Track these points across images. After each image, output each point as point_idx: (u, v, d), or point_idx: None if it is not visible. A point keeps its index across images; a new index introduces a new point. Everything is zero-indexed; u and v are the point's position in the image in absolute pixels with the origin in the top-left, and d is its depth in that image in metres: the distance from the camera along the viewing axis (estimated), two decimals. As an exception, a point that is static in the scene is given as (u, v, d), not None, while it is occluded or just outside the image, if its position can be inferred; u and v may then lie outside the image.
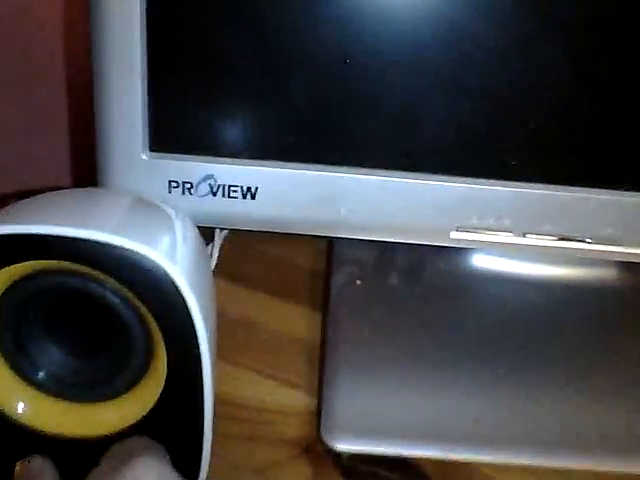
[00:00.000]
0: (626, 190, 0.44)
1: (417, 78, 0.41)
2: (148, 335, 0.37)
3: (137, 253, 0.35)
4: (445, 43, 0.40)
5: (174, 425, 0.39)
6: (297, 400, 0.48)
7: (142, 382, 0.39)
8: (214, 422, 0.39)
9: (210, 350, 0.37)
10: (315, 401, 0.47)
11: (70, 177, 0.67)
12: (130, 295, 0.36)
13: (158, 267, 0.35)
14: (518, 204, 0.44)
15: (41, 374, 0.40)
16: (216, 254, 0.58)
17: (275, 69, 0.41)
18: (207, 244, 0.58)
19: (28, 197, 0.39)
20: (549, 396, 0.47)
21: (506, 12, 0.40)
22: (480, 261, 0.56)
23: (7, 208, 0.38)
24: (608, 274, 0.56)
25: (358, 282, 0.54)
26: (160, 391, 0.38)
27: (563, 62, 0.41)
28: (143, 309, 0.36)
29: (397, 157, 0.44)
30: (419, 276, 0.55)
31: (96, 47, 0.40)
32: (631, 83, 0.42)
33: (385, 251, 0.56)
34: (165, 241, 0.38)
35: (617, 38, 0.41)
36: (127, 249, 0.35)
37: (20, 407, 0.40)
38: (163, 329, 0.36)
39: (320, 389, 0.47)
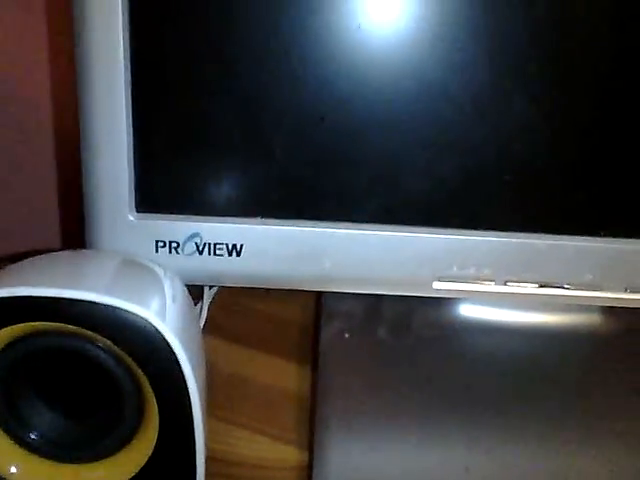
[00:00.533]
0: (602, 236, 0.45)
1: (393, 135, 0.43)
2: (140, 393, 0.38)
3: (128, 312, 0.36)
4: (419, 100, 0.42)
5: (166, 483, 0.39)
6: (289, 455, 0.48)
7: (134, 441, 0.39)
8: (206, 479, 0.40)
9: (201, 406, 0.37)
10: (307, 455, 0.48)
11: (60, 239, 0.68)
12: (122, 353, 0.36)
13: (149, 325, 0.36)
14: (497, 253, 0.45)
15: (33, 435, 0.40)
16: (205, 311, 0.58)
17: (256, 130, 0.43)
18: (196, 301, 0.59)
19: (19, 261, 0.40)
20: (539, 444, 0.47)
21: (477, 69, 0.41)
22: (467, 311, 0.56)
23: (-2, 272, 0.39)
24: (593, 320, 0.56)
25: (347, 335, 0.55)
26: (152, 449, 0.38)
27: (534, 116, 0.43)
28: (135, 367, 0.37)
29: (377, 211, 0.45)
30: (407, 327, 0.56)
31: (82, 111, 0.42)
32: (603, 132, 0.43)
33: (373, 303, 0.57)
34: (155, 300, 0.38)
35: (589, 91, 0.42)
36: (118, 308, 0.35)
37: (12, 468, 0.40)
38: (155, 386, 0.37)
39: (311, 443, 0.47)
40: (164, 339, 0.35)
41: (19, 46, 0.60)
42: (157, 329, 0.35)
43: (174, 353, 0.36)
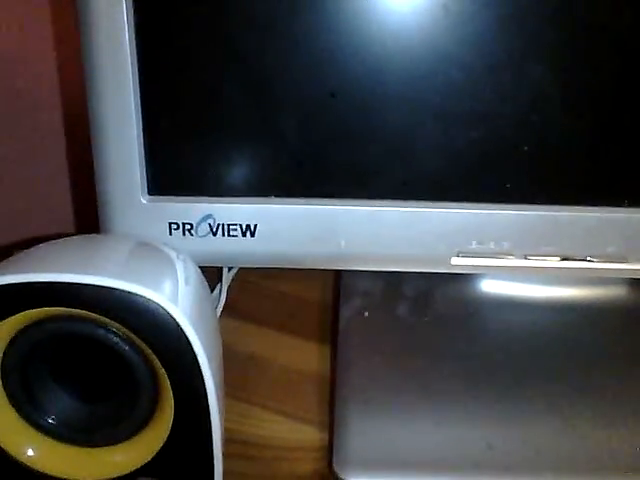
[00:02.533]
0: (625, 207, 0.44)
1: (406, 108, 0.42)
2: (154, 377, 0.38)
3: (139, 296, 0.35)
4: (431, 72, 0.41)
5: (183, 465, 0.39)
6: (309, 435, 0.48)
7: (150, 424, 0.39)
8: (225, 461, 0.39)
9: (216, 387, 0.37)
10: (327, 435, 0.47)
11: (74, 225, 0.68)
12: (135, 338, 0.36)
13: (160, 309, 0.36)
14: (517, 227, 0.44)
15: (50, 420, 0.40)
16: (224, 293, 0.58)
17: (267, 108, 0.42)
18: (215, 283, 0.59)
19: (32, 246, 0.40)
20: (562, 419, 0.46)
21: (490, 38, 0.40)
22: (489, 286, 0.56)
23: (11, 258, 0.39)
24: (618, 292, 0.55)
25: (366, 314, 0.54)
26: (168, 432, 0.38)
27: (552, 85, 0.42)
28: (148, 351, 0.37)
29: (393, 187, 0.44)
30: (427, 305, 0.55)
31: (91, 95, 0.42)
32: (624, 98, 0.42)
33: (392, 281, 0.56)
34: (167, 283, 0.38)
35: (607, 57, 0.41)
36: (129, 292, 0.35)
37: (29, 452, 0.40)
38: (168, 369, 0.37)
39: (331, 423, 0.47)
40: (176, 322, 0.35)
41: (25, 34, 0.60)
42: (169, 312, 0.35)
43: (186, 336, 0.35)
